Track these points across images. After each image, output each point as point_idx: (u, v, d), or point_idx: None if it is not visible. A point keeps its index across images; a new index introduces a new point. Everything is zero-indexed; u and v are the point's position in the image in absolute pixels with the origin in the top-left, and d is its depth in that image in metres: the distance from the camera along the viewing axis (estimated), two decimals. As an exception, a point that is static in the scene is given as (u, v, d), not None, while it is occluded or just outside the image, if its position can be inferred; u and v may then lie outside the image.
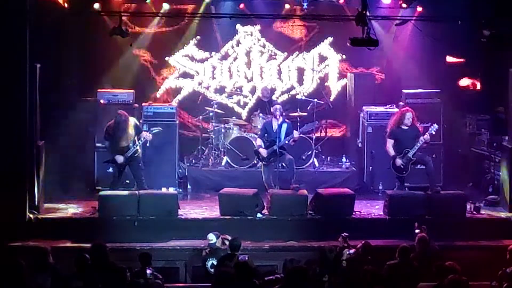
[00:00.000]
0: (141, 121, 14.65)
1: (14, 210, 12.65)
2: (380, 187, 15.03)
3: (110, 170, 14.16)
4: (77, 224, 13.06)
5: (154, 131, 13.82)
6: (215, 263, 11.17)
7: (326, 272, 10.21)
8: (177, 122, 15.31)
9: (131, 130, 13.53)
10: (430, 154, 15.32)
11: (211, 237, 11.56)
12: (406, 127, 13.78)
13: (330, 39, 16.82)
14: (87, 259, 9.89)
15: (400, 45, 16.15)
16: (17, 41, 12.65)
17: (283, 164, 14.25)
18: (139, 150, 13.74)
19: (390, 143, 13.82)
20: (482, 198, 14.43)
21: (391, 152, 13.79)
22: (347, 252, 10.91)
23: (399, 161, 13.67)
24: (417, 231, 11.53)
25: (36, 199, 13.16)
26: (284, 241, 12.69)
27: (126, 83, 15.85)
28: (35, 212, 13.07)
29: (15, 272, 9.24)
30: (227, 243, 11.37)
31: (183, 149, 15.77)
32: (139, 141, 13.60)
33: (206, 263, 11.42)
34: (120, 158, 13.54)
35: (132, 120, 13.70)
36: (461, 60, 15.83)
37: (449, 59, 15.93)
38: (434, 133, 13.77)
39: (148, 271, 9.79)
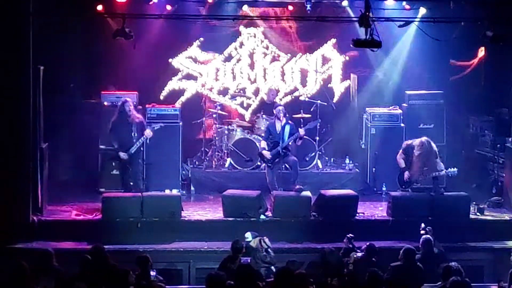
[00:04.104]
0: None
1: (18, 212, 12.68)
2: (384, 189, 15.03)
3: (114, 172, 14.17)
4: (80, 226, 13.08)
5: (155, 128, 13.87)
6: (248, 261, 11.11)
7: (329, 274, 10.22)
8: (181, 123, 15.32)
9: (135, 123, 13.61)
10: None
11: (248, 235, 11.55)
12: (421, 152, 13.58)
13: (333, 40, 16.80)
14: (90, 260, 9.91)
15: (403, 46, 16.12)
16: (20, 44, 12.67)
17: (287, 165, 14.27)
18: (143, 149, 13.78)
19: (402, 155, 13.78)
20: (485, 200, 14.42)
21: (402, 163, 13.74)
22: (354, 256, 10.90)
23: (406, 175, 13.67)
24: (422, 232, 11.53)
25: (40, 201, 13.17)
26: (287, 242, 12.69)
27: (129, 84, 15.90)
28: (39, 214, 13.09)
29: (17, 274, 9.28)
30: (264, 245, 11.36)
31: (187, 150, 15.76)
32: (142, 138, 13.64)
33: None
34: (123, 155, 13.59)
35: (138, 115, 13.78)
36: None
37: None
38: (450, 176, 13.75)
39: (152, 273, 9.79)
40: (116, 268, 9.68)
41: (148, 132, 13.71)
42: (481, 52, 14.81)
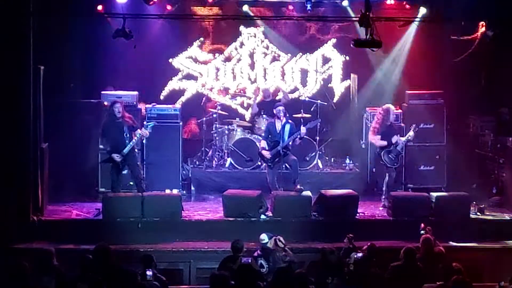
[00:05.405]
0: (145, 122, 14.61)
1: (18, 212, 12.67)
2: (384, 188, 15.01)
3: (113, 172, 14.15)
4: (81, 226, 13.08)
5: (149, 126, 13.83)
6: (263, 263, 11.09)
7: (329, 274, 10.23)
8: (181, 123, 15.32)
9: (126, 124, 13.59)
10: (434, 155, 15.38)
11: (263, 237, 11.40)
12: (389, 123, 14.14)
13: (333, 40, 16.81)
14: (90, 260, 9.90)
15: (403, 46, 16.12)
16: (20, 44, 12.67)
17: (287, 164, 14.26)
18: (136, 149, 13.75)
19: (379, 138, 14.11)
20: (486, 199, 14.42)
21: (383, 143, 14.08)
22: (355, 256, 10.90)
23: (394, 150, 14.02)
24: (422, 232, 11.52)
25: (40, 201, 13.17)
26: (288, 242, 12.67)
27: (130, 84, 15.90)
28: (39, 214, 13.08)
29: (18, 273, 9.28)
30: (281, 244, 11.35)
31: (187, 150, 15.76)
32: (135, 138, 13.61)
33: (256, 263, 11.09)
34: (117, 157, 13.56)
35: (128, 116, 13.78)
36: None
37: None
38: (415, 132, 14.17)
39: (148, 273, 9.74)
40: (126, 269, 9.69)
41: (143, 132, 13.67)
42: (482, 27, 14.68)
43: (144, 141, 14.09)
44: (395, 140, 14.02)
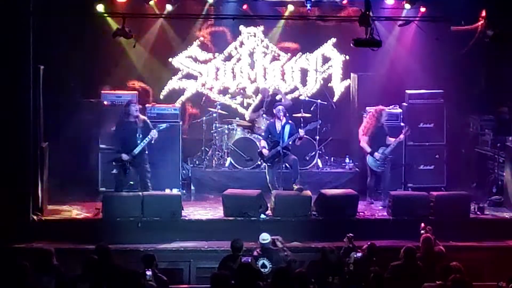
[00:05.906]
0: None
1: (18, 212, 12.67)
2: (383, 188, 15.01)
3: (114, 171, 14.14)
4: (81, 225, 13.09)
5: (161, 128, 13.85)
6: (266, 263, 11.11)
7: (329, 273, 10.23)
8: (181, 123, 15.32)
9: (140, 127, 13.59)
10: (433, 154, 15.37)
11: (266, 236, 11.39)
12: (380, 124, 14.24)
13: (333, 39, 16.81)
14: (95, 260, 9.89)
15: (403, 46, 16.12)
16: (20, 43, 12.67)
17: (287, 164, 14.27)
18: (146, 151, 13.76)
19: (365, 140, 14.21)
20: (486, 199, 14.43)
21: (368, 148, 14.18)
22: (355, 255, 10.91)
23: (378, 155, 14.09)
24: (422, 231, 11.52)
25: (40, 201, 13.18)
26: (288, 242, 12.66)
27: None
28: (39, 214, 13.09)
29: (18, 273, 9.29)
30: (279, 245, 11.37)
31: (187, 150, 15.76)
32: (146, 138, 13.59)
33: (257, 262, 11.11)
34: (125, 156, 13.55)
35: (142, 117, 13.79)
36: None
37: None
38: (406, 136, 14.34)
39: (148, 273, 9.73)
40: (126, 269, 9.68)
41: (153, 133, 13.66)
42: (482, 20, 14.62)
43: (152, 142, 14.05)
44: (378, 157, 14.09)
